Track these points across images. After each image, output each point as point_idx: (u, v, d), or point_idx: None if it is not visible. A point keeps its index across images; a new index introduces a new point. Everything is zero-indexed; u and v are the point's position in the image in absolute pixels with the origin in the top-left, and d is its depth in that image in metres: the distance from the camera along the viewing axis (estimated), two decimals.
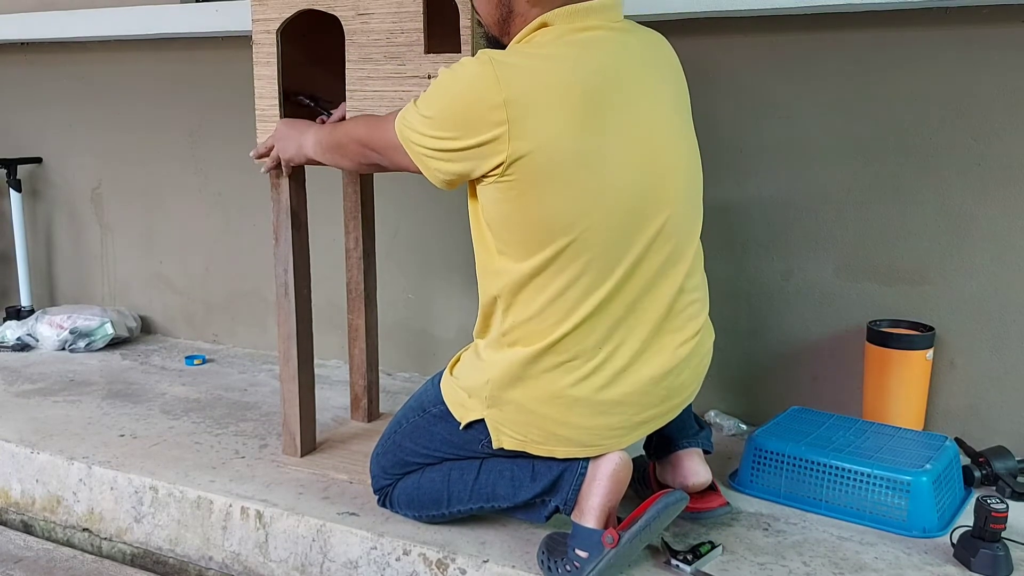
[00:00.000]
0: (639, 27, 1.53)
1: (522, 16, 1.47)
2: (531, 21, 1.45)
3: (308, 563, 1.72)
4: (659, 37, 1.54)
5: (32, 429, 2.19)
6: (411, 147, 1.46)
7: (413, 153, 1.46)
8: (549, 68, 1.37)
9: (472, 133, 1.38)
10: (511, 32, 1.50)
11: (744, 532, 1.68)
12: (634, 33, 1.49)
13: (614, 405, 1.47)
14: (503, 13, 1.49)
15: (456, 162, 1.42)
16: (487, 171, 1.40)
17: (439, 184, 1.47)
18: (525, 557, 1.57)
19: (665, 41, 1.55)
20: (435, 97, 1.43)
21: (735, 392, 2.25)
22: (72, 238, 3.20)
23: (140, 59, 2.91)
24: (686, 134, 1.53)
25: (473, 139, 1.38)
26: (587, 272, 1.42)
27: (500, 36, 1.53)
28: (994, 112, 1.94)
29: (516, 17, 1.48)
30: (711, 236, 1.57)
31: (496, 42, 1.55)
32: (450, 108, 1.40)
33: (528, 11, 1.46)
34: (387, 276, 2.55)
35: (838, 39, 2.03)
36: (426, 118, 1.42)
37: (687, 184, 1.51)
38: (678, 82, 1.54)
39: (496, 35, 1.53)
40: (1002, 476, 1.82)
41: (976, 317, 2.01)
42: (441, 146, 1.42)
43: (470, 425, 1.56)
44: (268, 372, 2.67)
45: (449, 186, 1.47)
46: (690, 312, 1.53)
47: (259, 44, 1.83)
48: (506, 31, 1.51)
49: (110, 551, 1.96)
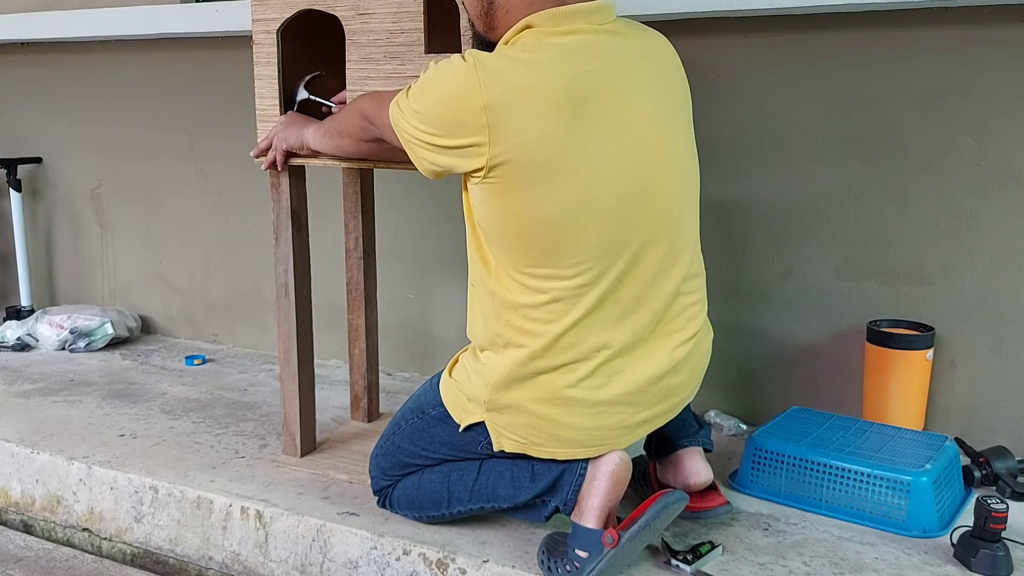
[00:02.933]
0: (636, 28, 1.51)
1: (503, 8, 1.46)
2: (512, 12, 1.45)
3: (308, 563, 1.72)
4: (658, 38, 1.53)
5: (32, 429, 2.19)
6: (401, 133, 1.48)
7: (403, 139, 1.48)
8: (530, 72, 1.37)
9: (454, 135, 1.39)
10: (496, 26, 1.49)
11: (744, 532, 1.68)
12: (625, 35, 1.47)
13: (612, 405, 1.47)
14: (484, 6, 1.49)
15: (441, 156, 1.43)
16: (470, 171, 1.41)
17: (426, 173, 1.48)
18: (525, 557, 1.57)
19: (664, 42, 1.53)
20: (422, 93, 1.43)
21: (735, 392, 2.25)
22: (72, 238, 3.20)
23: (140, 59, 2.91)
24: (681, 135, 1.51)
25: (455, 140, 1.39)
26: (579, 274, 1.42)
27: (486, 31, 1.52)
28: (994, 112, 1.94)
29: (497, 9, 1.47)
30: (711, 236, 1.57)
31: (483, 39, 1.54)
32: (434, 108, 1.41)
33: (509, 2, 1.45)
34: (387, 276, 2.55)
35: (838, 39, 2.03)
36: (415, 111, 1.44)
37: (682, 186, 1.50)
38: (674, 83, 1.52)
39: (482, 30, 1.53)
40: (1002, 476, 1.82)
41: (976, 317, 2.01)
42: (427, 139, 1.43)
43: (470, 427, 1.56)
44: (268, 372, 2.67)
45: (436, 176, 1.49)
46: (688, 314, 1.53)
47: (259, 44, 1.83)
48: (491, 25, 1.50)
49: (110, 551, 1.96)
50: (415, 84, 1.46)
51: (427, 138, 1.43)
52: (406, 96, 1.46)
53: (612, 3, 1.48)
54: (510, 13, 1.46)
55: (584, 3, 1.43)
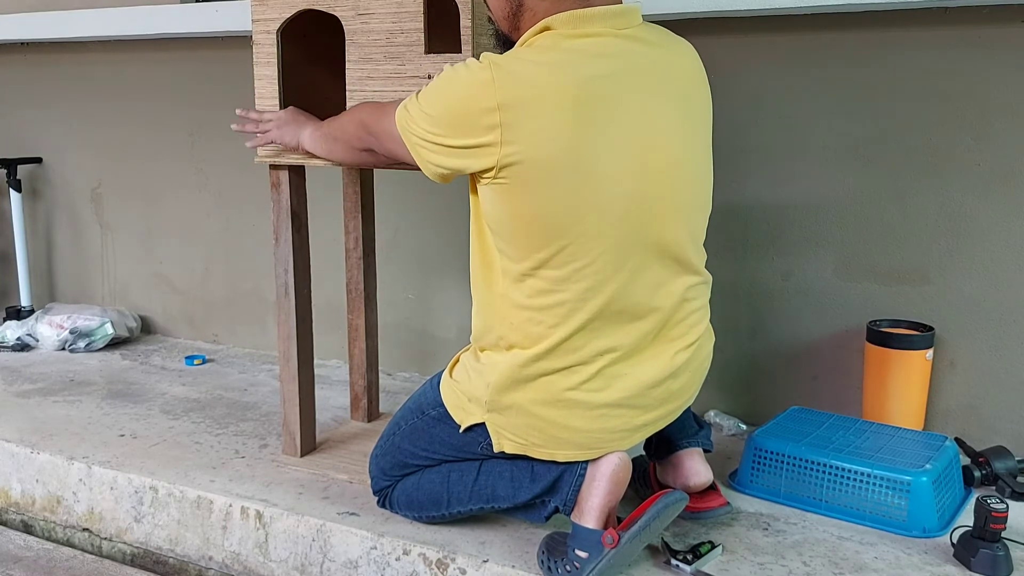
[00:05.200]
0: (660, 33, 1.50)
1: (531, 11, 1.46)
2: (539, 15, 1.45)
3: (308, 563, 1.72)
4: (680, 44, 1.52)
5: (32, 429, 2.19)
6: (408, 137, 1.47)
7: (410, 143, 1.47)
8: (544, 73, 1.37)
9: (466, 135, 1.39)
10: (521, 28, 1.49)
11: (744, 532, 1.68)
12: (645, 40, 1.46)
13: (613, 408, 1.47)
14: (513, 7, 1.48)
15: (450, 157, 1.43)
16: (480, 171, 1.41)
17: (432, 176, 1.48)
18: (525, 557, 1.57)
19: (688, 49, 1.52)
20: (434, 95, 1.43)
21: (735, 392, 2.25)
22: (72, 238, 3.20)
23: (140, 59, 2.92)
24: (694, 142, 1.50)
25: (467, 140, 1.39)
26: (584, 277, 1.42)
27: (510, 32, 1.52)
28: (994, 112, 1.94)
29: (526, 12, 1.47)
30: (711, 236, 1.57)
31: (506, 39, 1.54)
32: (447, 108, 1.41)
33: (537, 4, 1.45)
34: (387, 276, 2.55)
35: (838, 39, 2.03)
36: (425, 113, 1.43)
37: (692, 193, 1.50)
38: (693, 90, 1.51)
39: (507, 31, 1.53)
40: (1002, 476, 1.82)
41: (976, 317, 2.01)
42: (436, 140, 1.42)
43: (470, 428, 1.56)
44: (268, 372, 2.67)
45: (441, 179, 1.48)
46: (692, 320, 1.53)
47: (259, 44, 1.83)
48: (516, 26, 1.50)
49: (110, 551, 1.96)
50: (426, 87, 1.45)
51: (436, 140, 1.42)
52: (416, 100, 1.46)
53: (636, 8, 1.47)
54: (537, 16, 1.46)
55: (605, 7, 1.43)
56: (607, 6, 1.43)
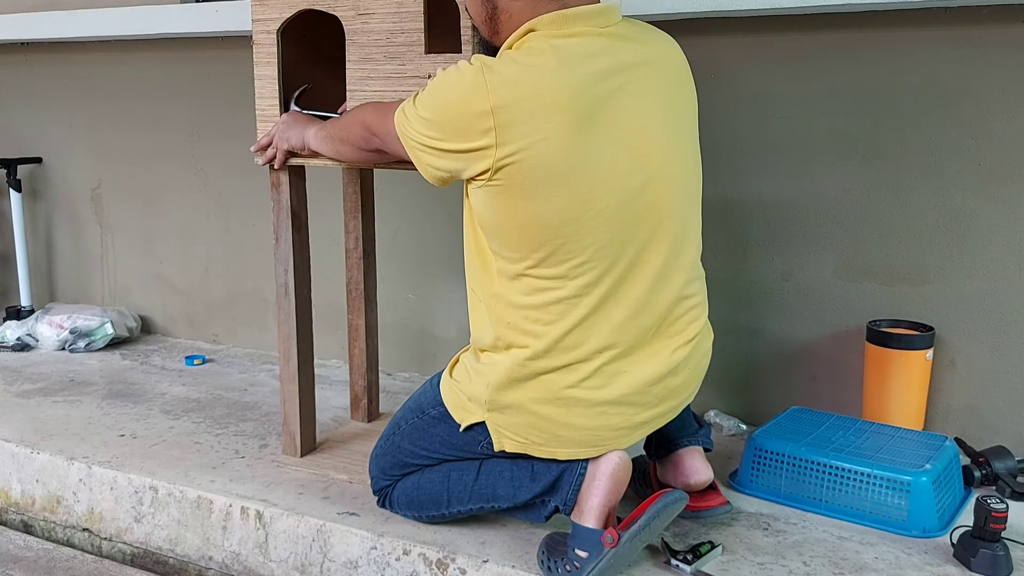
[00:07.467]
0: (643, 30, 1.51)
1: (507, 12, 1.46)
2: (515, 17, 1.45)
3: (308, 563, 1.72)
4: (664, 40, 1.52)
5: (32, 429, 2.19)
6: (406, 140, 1.47)
7: (408, 146, 1.48)
8: (535, 75, 1.37)
9: (461, 138, 1.39)
10: (500, 31, 1.49)
11: (744, 532, 1.68)
12: (631, 38, 1.47)
13: (613, 406, 1.47)
14: (488, 11, 1.49)
15: (447, 160, 1.43)
16: (476, 174, 1.41)
17: (431, 179, 1.48)
18: (525, 557, 1.57)
19: (671, 44, 1.53)
20: (429, 98, 1.43)
21: (735, 392, 2.25)
22: (72, 238, 3.20)
23: (140, 59, 2.92)
24: (684, 138, 1.51)
25: (462, 144, 1.39)
26: (580, 274, 1.42)
27: (490, 36, 1.52)
28: (994, 112, 1.94)
29: (501, 14, 1.47)
30: (711, 236, 1.58)
31: (488, 44, 1.55)
32: (442, 112, 1.41)
33: (511, 5, 1.45)
34: (387, 276, 2.55)
35: (838, 39, 2.03)
36: (421, 118, 1.44)
37: (683, 188, 1.50)
38: (680, 85, 1.52)
39: (487, 35, 1.53)
40: (1002, 476, 1.82)
41: (976, 317, 2.01)
42: (433, 144, 1.43)
43: (470, 427, 1.56)
44: (268, 372, 2.67)
45: (441, 183, 1.48)
46: (690, 316, 1.53)
47: (259, 44, 1.83)
48: (495, 30, 1.50)
49: (110, 551, 1.96)
50: (422, 91, 1.46)
51: (434, 143, 1.43)
52: (412, 103, 1.46)
53: (616, 5, 1.47)
54: (513, 18, 1.46)
55: (586, 6, 1.43)
56: (588, 6, 1.44)
